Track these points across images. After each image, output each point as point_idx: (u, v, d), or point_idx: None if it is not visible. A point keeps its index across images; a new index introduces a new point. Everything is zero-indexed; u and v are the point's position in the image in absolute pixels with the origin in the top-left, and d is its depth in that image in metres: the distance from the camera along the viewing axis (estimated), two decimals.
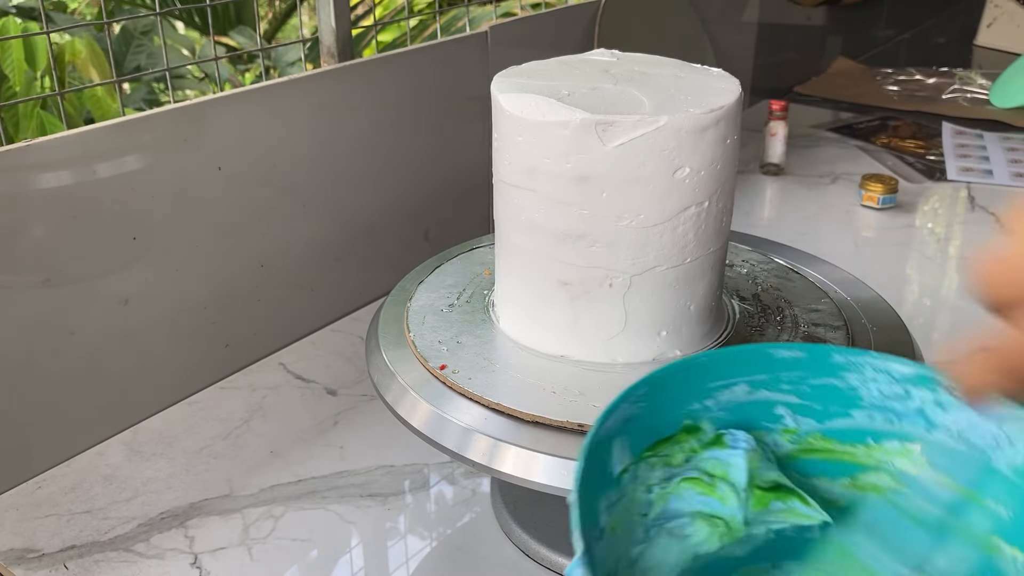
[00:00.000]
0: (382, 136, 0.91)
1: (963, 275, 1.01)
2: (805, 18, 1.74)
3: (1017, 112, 1.54)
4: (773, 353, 0.42)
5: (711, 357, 0.42)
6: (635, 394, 0.39)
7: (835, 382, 0.42)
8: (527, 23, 1.07)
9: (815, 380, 0.42)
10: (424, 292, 0.66)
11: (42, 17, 0.71)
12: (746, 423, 0.42)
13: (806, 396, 0.42)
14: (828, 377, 0.42)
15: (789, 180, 1.28)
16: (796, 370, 0.42)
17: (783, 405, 0.42)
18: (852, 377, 0.42)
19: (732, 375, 0.42)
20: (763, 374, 0.42)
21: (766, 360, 0.42)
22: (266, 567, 0.61)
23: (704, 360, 0.42)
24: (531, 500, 0.64)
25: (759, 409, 0.42)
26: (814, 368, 0.42)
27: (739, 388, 0.42)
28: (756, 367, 0.42)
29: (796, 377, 0.42)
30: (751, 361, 0.42)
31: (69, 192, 0.67)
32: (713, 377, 0.41)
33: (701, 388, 0.41)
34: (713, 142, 0.53)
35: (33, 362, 0.68)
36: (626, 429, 0.39)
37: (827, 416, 0.42)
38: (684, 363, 0.41)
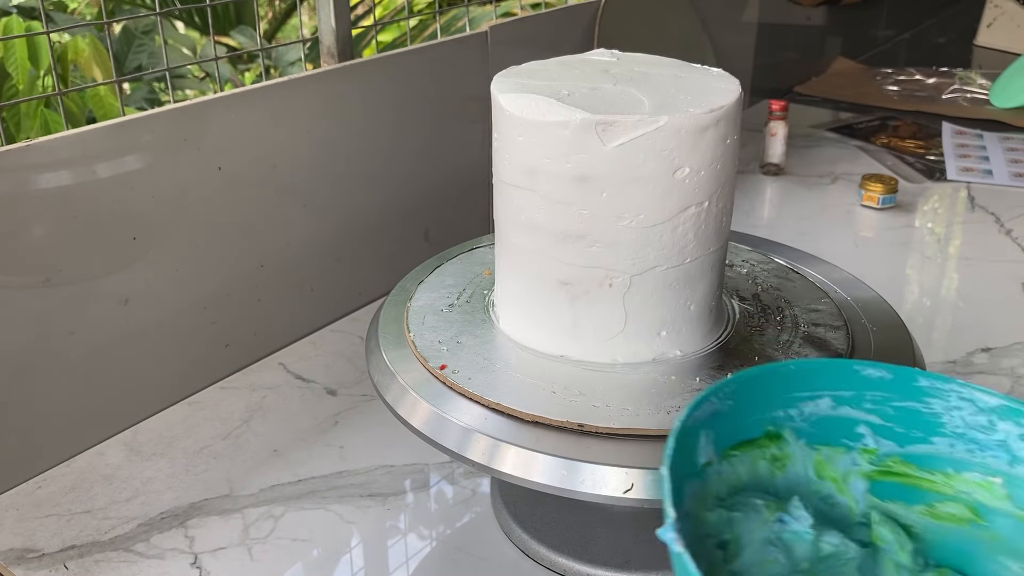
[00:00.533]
0: (382, 136, 0.91)
1: (963, 275, 1.01)
2: (805, 18, 1.74)
3: (1017, 112, 1.54)
4: (859, 370, 0.42)
5: (799, 366, 0.42)
6: (723, 391, 0.39)
7: (918, 406, 0.42)
8: (527, 23, 1.07)
9: (899, 402, 0.42)
10: (424, 292, 0.66)
11: (42, 17, 0.71)
12: (827, 438, 0.42)
13: (888, 417, 0.42)
14: (912, 400, 0.42)
15: (789, 180, 1.28)
16: (881, 390, 0.42)
17: (865, 424, 0.42)
18: (936, 403, 0.41)
19: (817, 387, 0.42)
20: (848, 390, 0.42)
21: (852, 376, 0.42)
22: (266, 567, 0.61)
23: (792, 368, 0.42)
24: (531, 500, 0.64)
25: (841, 425, 0.42)
26: (899, 390, 0.42)
27: (823, 402, 0.42)
28: (842, 382, 0.42)
29: (880, 397, 0.42)
30: (837, 375, 0.42)
31: (69, 192, 0.67)
32: (799, 387, 0.42)
33: (786, 396, 0.41)
34: (713, 142, 0.53)
35: (33, 362, 0.68)
36: (712, 423, 0.39)
37: (908, 440, 0.42)
38: (772, 368, 0.41)
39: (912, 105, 1.60)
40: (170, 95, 0.81)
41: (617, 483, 0.49)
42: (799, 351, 0.58)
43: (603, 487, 0.49)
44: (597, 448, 0.50)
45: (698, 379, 0.55)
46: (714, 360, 0.58)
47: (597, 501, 0.49)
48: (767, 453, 0.42)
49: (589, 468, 0.49)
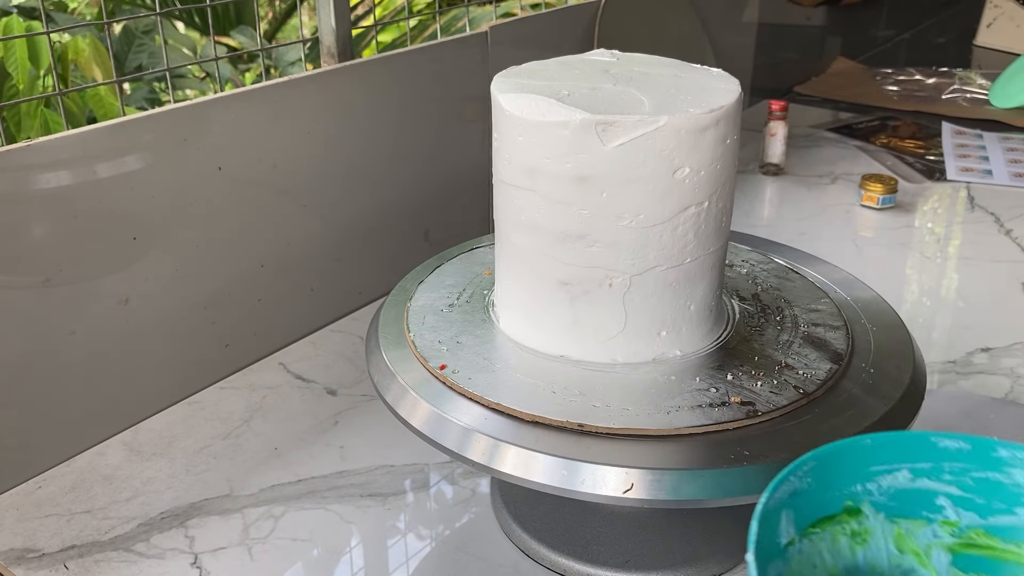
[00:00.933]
0: (382, 136, 0.91)
1: (963, 275, 1.01)
2: (805, 18, 1.74)
3: (1017, 112, 1.54)
4: (936, 442, 0.41)
5: (875, 440, 0.42)
6: (802, 468, 0.39)
7: (1000, 477, 0.41)
8: (527, 23, 1.07)
9: (978, 473, 0.41)
10: (424, 292, 0.66)
11: (43, 17, 0.71)
12: (907, 511, 0.42)
13: (968, 488, 0.42)
14: (992, 471, 0.41)
15: (789, 180, 1.28)
16: (959, 461, 0.41)
17: (944, 496, 0.42)
18: (1018, 473, 0.41)
19: (895, 460, 0.41)
20: (926, 462, 0.42)
21: (929, 448, 0.41)
22: (266, 567, 0.61)
23: (868, 443, 0.41)
24: (531, 500, 0.64)
25: (920, 497, 0.42)
26: (978, 460, 0.41)
27: (901, 474, 0.42)
28: (919, 454, 0.41)
29: (959, 468, 0.41)
30: (914, 448, 0.42)
31: (69, 192, 0.67)
32: (876, 460, 0.41)
33: (864, 470, 0.41)
34: (713, 142, 0.53)
35: (33, 362, 0.68)
36: (792, 503, 0.39)
37: (990, 512, 0.42)
38: (848, 443, 0.41)
39: (912, 105, 1.60)
40: (170, 95, 0.81)
41: (617, 483, 0.49)
42: (799, 351, 0.58)
43: (603, 487, 0.49)
44: (597, 448, 0.50)
45: (698, 379, 0.55)
46: (714, 360, 0.58)
47: (597, 501, 0.49)
48: (847, 528, 0.41)
49: (589, 468, 0.49)
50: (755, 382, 0.55)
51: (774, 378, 0.55)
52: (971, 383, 0.80)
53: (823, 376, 0.56)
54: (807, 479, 0.39)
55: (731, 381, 0.55)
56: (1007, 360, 0.83)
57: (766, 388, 0.54)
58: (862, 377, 0.56)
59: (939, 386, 0.80)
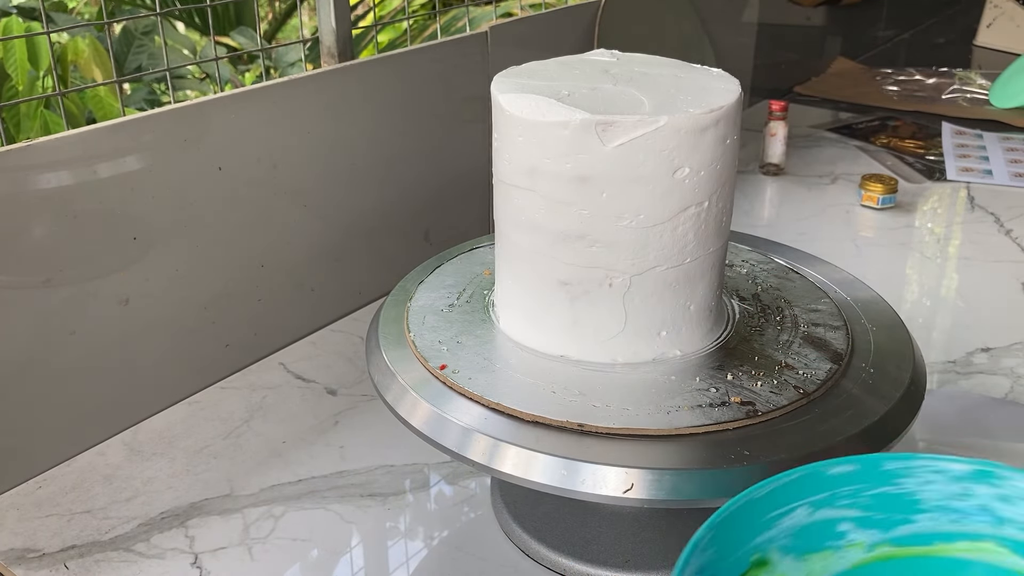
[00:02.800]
0: (382, 136, 0.91)
1: (963, 275, 1.01)
2: (805, 18, 1.74)
3: (1017, 112, 1.54)
4: (824, 471, 0.41)
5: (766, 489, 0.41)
6: (701, 542, 0.38)
7: (892, 489, 0.41)
8: (527, 23, 1.07)
9: (872, 490, 0.41)
10: (424, 292, 0.66)
11: (43, 17, 0.71)
12: (813, 545, 0.42)
13: (867, 507, 0.42)
14: (884, 486, 0.41)
15: (789, 180, 1.28)
16: (851, 484, 0.41)
17: (846, 520, 0.42)
18: (908, 482, 0.41)
19: (790, 500, 0.41)
20: (821, 493, 0.41)
21: (820, 479, 0.41)
22: (266, 567, 0.61)
23: (760, 494, 0.41)
24: (531, 500, 0.64)
25: (823, 528, 0.42)
26: (868, 479, 0.41)
27: (800, 511, 0.41)
28: (811, 488, 0.41)
29: (853, 491, 0.41)
30: (806, 484, 0.41)
31: (69, 192, 0.67)
32: (771, 507, 0.41)
33: (762, 521, 0.41)
34: (713, 142, 0.53)
35: (33, 362, 0.68)
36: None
37: (891, 524, 0.42)
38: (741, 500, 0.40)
39: (912, 105, 1.60)
40: (170, 95, 0.81)
41: (617, 483, 0.49)
42: (799, 351, 0.58)
43: (603, 487, 0.49)
44: (597, 448, 0.50)
45: (698, 379, 0.55)
46: (714, 360, 0.58)
47: (597, 501, 0.49)
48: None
49: (589, 468, 0.49)
50: (755, 382, 0.55)
51: (774, 378, 0.55)
52: (971, 383, 0.80)
53: (823, 376, 0.56)
54: (709, 550, 0.39)
55: (731, 381, 0.55)
56: (1007, 360, 0.83)
57: (766, 388, 0.54)
58: (862, 377, 0.56)
59: (939, 386, 0.80)
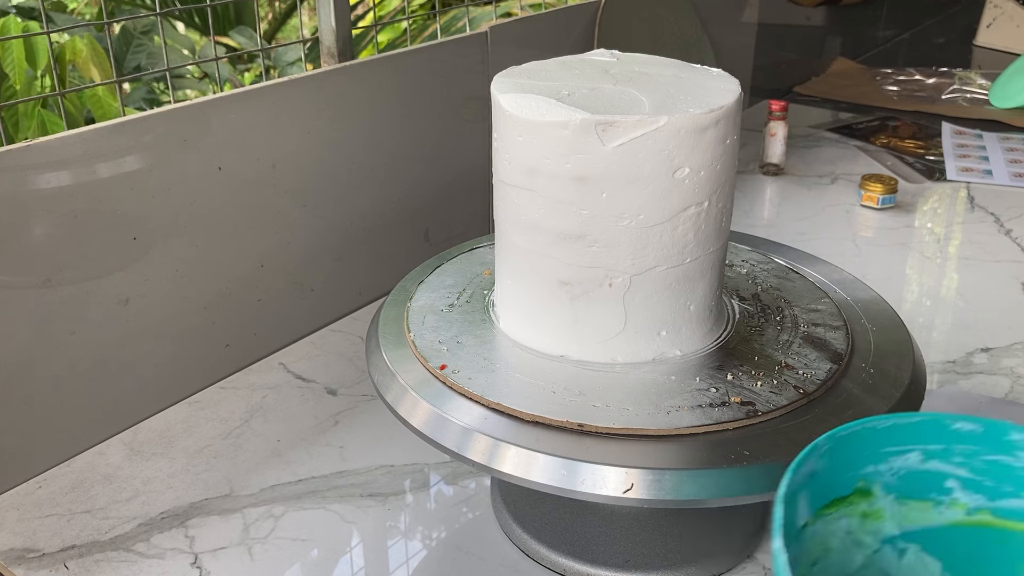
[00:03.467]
0: (382, 136, 0.91)
1: (963, 275, 1.01)
2: (805, 18, 1.74)
3: (1017, 112, 1.54)
4: (949, 424, 0.41)
5: (889, 421, 0.41)
6: (820, 449, 0.39)
7: (1010, 460, 0.41)
8: (527, 23, 1.07)
9: (989, 456, 0.41)
10: (424, 292, 0.66)
11: (43, 17, 0.71)
12: (916, 492, 0.42)
13: (978, 471, 0.42)
14: (1003, 455, 0.41)
15: (789, 180, 1.28)
16: (971, 443, 0.41)
17: (954, 478, 0.42)
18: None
19: (907, 442, 0.41)
20: (937, 444, 0.41)
21: (942, 430, 0.41)
22: (266, 567, 0.61)
23: (882, 424, 0.41)
24: (531, 500, 0.64)
25: (930, 479, 0.42)
26: (989, 443, 0.41)
27: (912, 456, 0.41)
28: (931, 436, 0.41)
29: (970, 451, 0.41)
30: (927, 430, 0.41)
31: (69, 192, 0.67)
32: (889, 442, 0.41)
33: (876, 452, 0.41)
34: (713, 142, 0.53)
35: (33, 362, 0.68)
36: (809, 484, 0.39)
37: (999, 495, 0.42)
38: (864, 424, 0.41)
39: (912, 105, 1.60)
40: (170, 95, 0.81)
41: (617, 483, 0.49)
42: (799, 351, 0.58)
43: (603, 487, 0.49)
44: (597, 448, 0.50)
45: (698, 379, 0.55)
46: (714, 360, 0.58)
47: (597, 501, 0.49)
48: (858, 510, 0.41)
49: (589, 468, 0.49)
50: (755, 382, 0.55)
51: (774, 378, 0.55)
52: (971, 383, 0.80)
53: (823, 376, 0.56)
54: (823, 460, 0.39)
55: (731, 381, 0.55)
56: (1007, 360, 0.83)
57: (766, 388, 0.54)
58: (862, 377, 0.56)
59: (939, 386, 0.80)
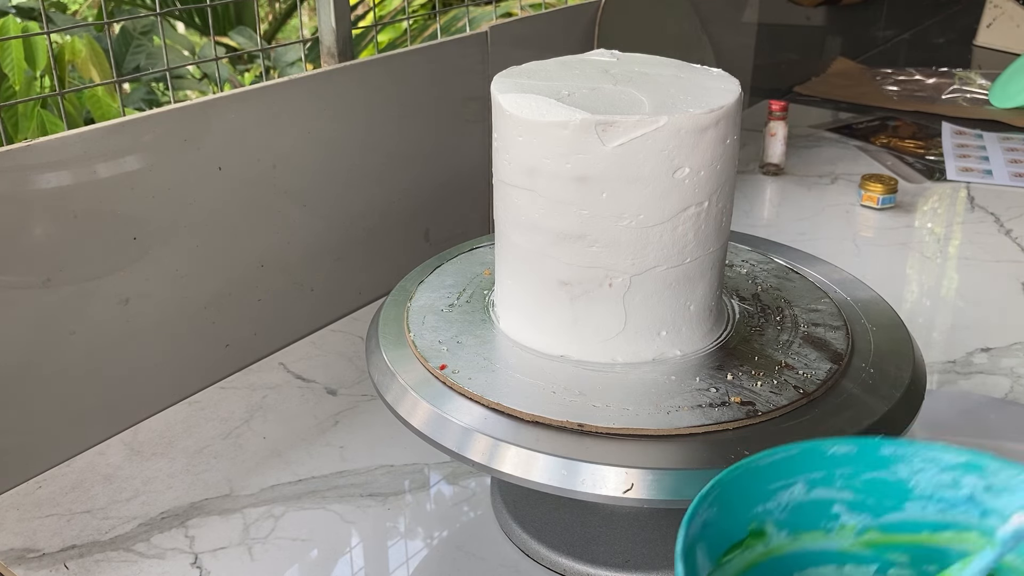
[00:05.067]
0: (382, 136, 0.91)
1: (963, 275, 1.01)
2: (805, 18, 1.74)
3: (1017, 112, 1.54)
4: (826, 449, 0.42)
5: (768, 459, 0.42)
6: (708, 498, 0.39)
7: (886, 475, 0.42)
8: (527, 23, 1.07)
9: (867, 474, 0.42)
10: (424, 292, 0.66)
11: (43, 17, 0.71)
12: (806, 523, 0.42)
13: (860, 491, 0.42)
14: (878, 470, 0.42)
15: (789, 180, 1.28)
16: (848, 465, 0.42)
17: (839, 502, 0.43)
18: (902, 469, 0.42)
19: (790, 474, 0.42)
20: (819, 471, 0.42)
21: (820, 457, 0.42)
22: (266, 567, 0.61)
23: (762, 463, 0.42)
24: (531, 500, 0.64)
25: (817, 508, 0.43)
26: (864, 462, 0.42)
27: (797, 487, 0.42)
28: (811, 464, 0.42)
29: (849, 472, 0.42)
30: (807, 459, 0.42)
31: (69, 192, 0.67)
32: (772, 478, 0.42)
33: (763, 490, 0.42)
34: (713, 142, 0.53)
35: (33, 362, 0.68)
36: (704, 535, 0.39)
37: (882, 511, 0.42)
38: (744, 465, 0.41)
39: (912, 105, 1.60)
40: (170, 95, 0.81)
41: (617, 483, 0.49)
42: (799, 351, 0.58)
43: (603, 487, 0.49)
44: (597, 448, 0.50)
45: (698, 379, 0.55)
46: (714, 360, 0.58)
47: (597, 501, 0.49)
48: (755, 553, 0.42)
49: (589, 468, 0.49)
50: (755, 382, 0.55)
51: (774, 378, 0.55)
52: (971, 383, 0.80)
53: (823, 376, 0.56)
54: (713, 508, 0.40)
55: (731, 381, 0.55)
56: (1007, 360, 0.83)
57: (766, 388, 0.54)
58: (862, 377, 0.56)
59: (939, 386, 0.80)
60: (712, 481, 0.40)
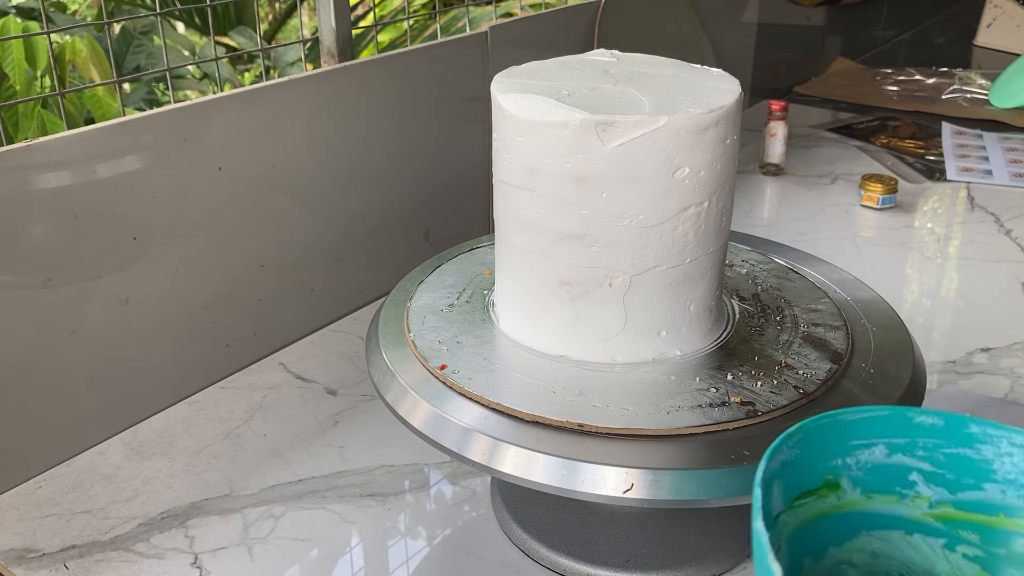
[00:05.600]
0: (382, 136, 0.91)
1: (963, 275, 1.01)
2: (805, 18, 1.74)
3: (1017, 112, 1.54)
4: (912, 417, 0.42)
5: (853, 416, 0.42)
6: (792, 439, 0.40)
7: (970, 453, 0.42)
8: (527, 23, 1.07)
9: (950, 449, 0.42)
10: (424, 292, 0.66)
11: (43, 17, 0.71)
12: (881, 486, 0.43)
13: (940, 464, 0.42)
14: (963, 447, 0.42)
15: (789, 180, 1.28)
16: (932, 437, 0.42)
17: (917, 471, 0.43)
18: (987, 449, 0.42)
19: (872, 435, 0.42)
20: (901, 437, 0.42)
21: (905, 424, 0.42)
22: (266, 567, 0.61)
23: (848, 418, 0.42)
24: (531, 500, 0.64)
25: (894, 473, 0.43)
26: (950, 436, 0.42)
27: (878, 449, 0.42)
28: (895, 430, 0.42)
29: (932, 444, 0.42)
30: (891, 423, 0.42)
31: (69, 192, 0.67)
32: (855, 435, 0.42)
33: (844, 445, 0.42)
34: (713, 142, 0.53)
35: (33, 362, 0.68)
36: (783, 473, 0.40)
37: (959, 487, 0.43)
38: (832, 416, 0.42)
39: (912, 105, 1.60)
40: (170, 95, 0.81)
41: (617, 483, 0.49)
42: (799, 351, 0.58)
43: (603, 487, 0.49)
44: (597, 448, 0.50)
45: (698, 379, 0.55)
46: (714, 360, 0.58)
47: (597, 501, 0.49)
48: (827, 503, 0.42)
49: (589, 468, 0.49)
50: (755, 382, 0.55)
51: (774, 378, 0.55)
52: (971, 383, 0.80)
53: (823, 376, 0.56)
54: (795, 450, 0.40)
55: (731, 381, 0.55)
56: (1007, 360, 0.83)
57: (766, 388, 0.54)
58: (862, 377, 0.56)
59: (939, 386, 0.80)
60: (798, 424, 0.40)
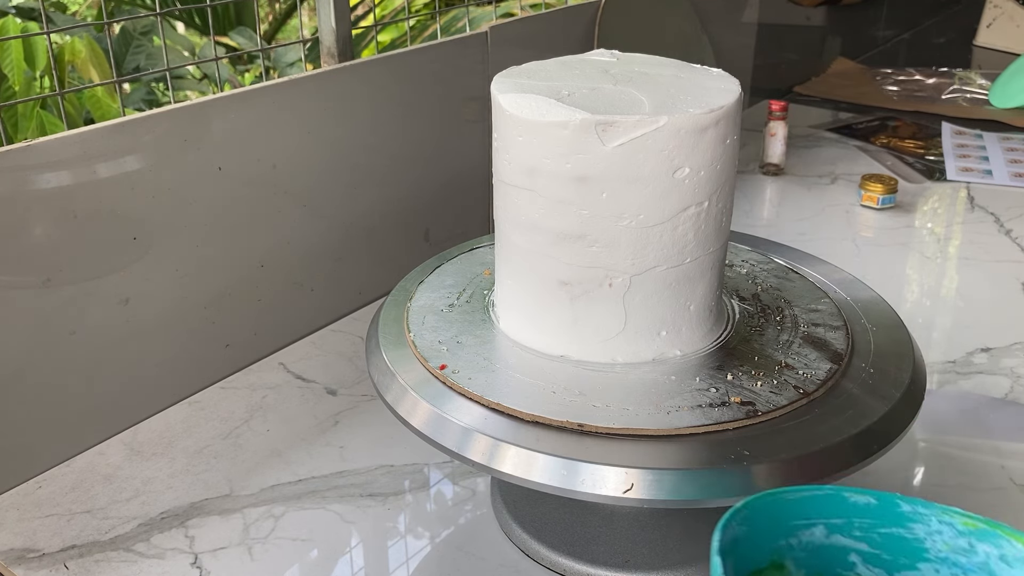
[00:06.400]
0: (382, 136, 0.91)
1: (963, 275, 1.01)
2: (805, 18, 1.74)
3: (1017, 112, 1.54)
4: (847, 497, 0.42)
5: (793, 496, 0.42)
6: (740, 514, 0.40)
7: (903, 532, 0.42)
8: (527, 23, 1.07)
9: (884, 528, 0.42)
10: (424, 292, 0.66)
11: (42, 17, 0.71)
12: (823, 568, 0.43)
13: (876, 544, 0.43)
14: (896, 527, 0.42)
15: (789, 180, 1.28)
16: (867, 516, 0.42)
17: (856, 552, 0.43)
18: (918, 528, 0.42)
19: (811, 515, 0.42)
20: (838, 517, 0.42)
21: (841, 503, 0.42)
22: (266, 567, 0.61)
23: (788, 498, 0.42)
24: (531, 500, 0.64)
25: (834, 554, 0.43)
26: (883, 516, 0.42)
27: (818, 530, 0.43)
28: (832, 510, 0.42)
29: (867, 524, 0.42)
30: (828, 503, 0.43)
31: (69, 192, 0.67)
32: (796, 515, 0.42)
33: (787, 524, 0.42)
34: (713, 142, 0.53)
35: (33, 362, 0.68)
36: (734, 550, 0.40)
37: (896, 567, 0.43)
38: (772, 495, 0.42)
39: (912, 105, 1.60)
40: (170, 96, 0.81)
41: (617, 483, 0.49)
42: (799, 351, 0.58)
43: (603, 487, 0.49)
44: (597, 448, 0.50)
45: (698, 379, 0.55)
46: (714, 360, 0.58)
47: (597, 501, 0.49)
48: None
49: (589, 468, 0.49)
50: (755, 382, 0.55)
51: (774, 378, 0.55)
52: (971, 383, 0.80)
53: (823, 376, 0.56)
54: (743, 527, 0.40)
55: (731, 381, 0.55)
56: (1007, 360, 0.83)
57: (766, 388, 0.54)
58: (862, 377, 0.56)
59: (939, 386, 0.80)
60: (744, 500, 0.40)
